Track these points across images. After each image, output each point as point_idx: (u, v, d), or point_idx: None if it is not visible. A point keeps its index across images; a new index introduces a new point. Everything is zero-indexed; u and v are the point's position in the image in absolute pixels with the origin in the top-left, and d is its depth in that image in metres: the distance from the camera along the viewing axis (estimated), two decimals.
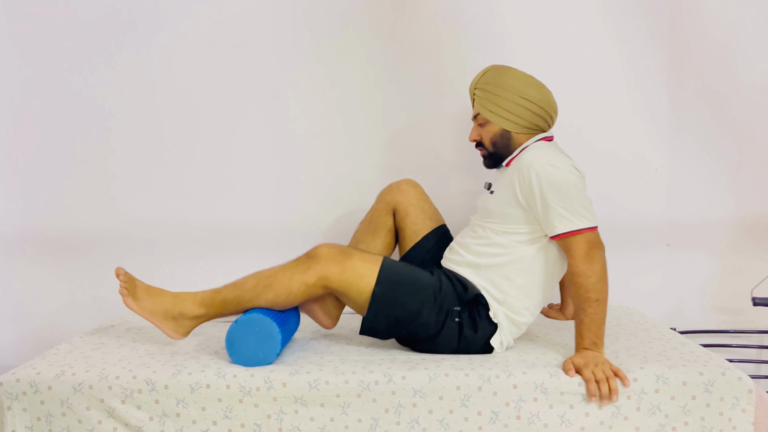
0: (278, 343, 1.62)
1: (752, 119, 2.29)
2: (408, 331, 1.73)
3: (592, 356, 1.55)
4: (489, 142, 1.83)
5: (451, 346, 1.72)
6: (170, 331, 1.73)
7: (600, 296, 1.61)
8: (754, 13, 2.25)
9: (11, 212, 2.37)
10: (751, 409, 1.53)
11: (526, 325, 1.77)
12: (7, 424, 1.55)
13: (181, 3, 2.29)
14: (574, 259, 1.63)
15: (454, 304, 1.71)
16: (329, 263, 1.67)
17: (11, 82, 2.33)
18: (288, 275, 1.68)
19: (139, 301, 1.73)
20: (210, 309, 1.73)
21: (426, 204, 1.98)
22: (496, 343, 1.72)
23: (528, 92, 1.77)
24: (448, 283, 1.74)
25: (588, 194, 1.70)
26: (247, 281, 1.71)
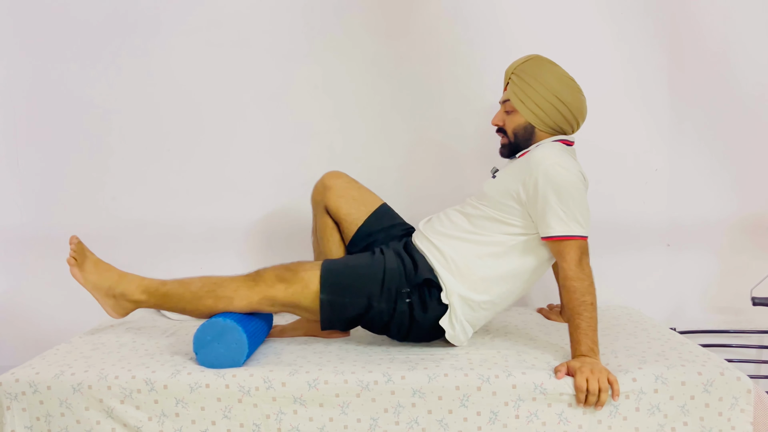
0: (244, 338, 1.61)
1: (752, 119, 2.29)
2: (364, 323, 1.75)
3: (590, 362, 1.53)
4: (511, 131, 1.82)
5: (404, 327, 1.73)
6: (108, 308, 1.77)
7: (594, 300, 1.61)
8: (754, 13, 2.25)
9: (11, 212, 2.38)
10: (749, 409, 1.53)
11: (483, 310, 1.75)
12: (6, 424, 1.55)
13: (181, 3, 2.30)
14: (567, 263, 1.63)
15: (403, 285, 1.71)
16: (274, 282, 1.69)
17: (11, 83, 2.34)
18: (233, 287, 1.70)
19: (85, 273, 1.76)
20: (151, 298, 1.75)
21: (354, 191, 1.94)
22: (446, 324, 1.72)
23: (564, 94, 1.75)
24: (397, 263, 1.74)
25: (588, 204, 1.69)
26: (193, 282, 1.73)
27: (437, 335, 1.77)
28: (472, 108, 2.32)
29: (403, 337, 1.77)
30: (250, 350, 1.64)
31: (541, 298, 2.32)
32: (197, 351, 1.62)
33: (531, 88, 1.75)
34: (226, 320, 1.62)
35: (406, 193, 2.34)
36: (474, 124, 2.33)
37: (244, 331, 1.62)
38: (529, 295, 2.38)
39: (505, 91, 1.84)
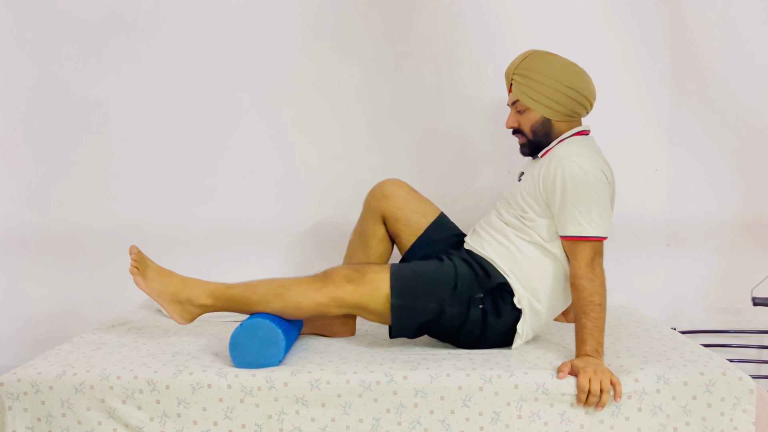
0: (281, 349, 1.62)
1: (753, 119, 2.29)
2: (435, 330, 1.74)
3: (593, 363, 1.53)
4: (529, 129, 1.80)
5: (475, 333, 1.72)
6: (175, 314, 1.74)
7: (602, 301, 1.61)
8: (754, 13, 2.25)
9: (11, 212, 2.37)
10: (752, 409, 1.53)
11: (545, 315, 1.75)
12: (7, 425, 1.54)
13: (181, 3, 2.29)
14: (578, 262, 1.63)
15: (476, 291, 1.70)
16: (343, 283, 1.67)
17: (11, 83, 2.33)
18: (301, 290, 1.68)
19: (149, 281, 1.73)
20: (217, 302, 1.73)
21: (415, 202, 1.92)
22: (520, 328, 1.71)
23: (571, 79, 1.74)
24: (467, 269, 1.73)
25: (608, 203, 1.68)
26: (260, 285, 1.71)
27: (508, 342, 1.75)
28: (473, 108, 2.32)
29: (473, 344, 1.75)
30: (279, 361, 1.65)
31: None
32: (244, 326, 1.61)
33: (537, 82, 1.74)
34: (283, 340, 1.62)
35: None
36: (474, 124, 2.33)
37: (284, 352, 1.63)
38: None
39: (510, 93, 1.83)
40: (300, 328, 1.83)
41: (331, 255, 2.28)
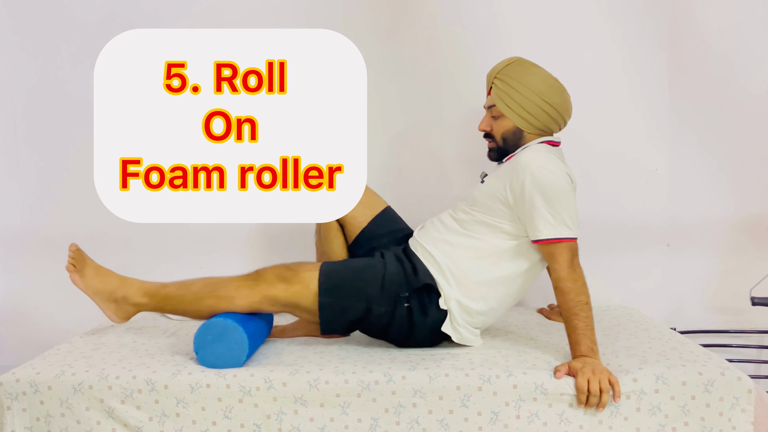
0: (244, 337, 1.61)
1: (752, 119, 2.29)
2: (364, 327, 1.76)
3: (591, 363, 1.53)
4: (500, 136, 1.81)
5: (404, 332, 1.73)
6: (110, 312, 1.77)
7: (588, 299, 1.62)
8: (754, 14, 2.25)
9: (11, 212, 2.37)
10: (750, 409, 1.53)
11: (481, 316, 1.75)
12: (6, 425, 1.55)
13: (181, 3, 2.29)
14: (559, 264, 1.64)
15: (403, 290, 1.71)
16: (275, 281, 1.69)
17: (11, 83, 2.33)
18: (234, 287, 1.70)
19: (85, 279, 1.76)
20: (152, 300, 1.75)
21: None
22: (448, 329, 1.72)
23: (550, 96, 1.75)
24: (397, 267, 1.74)
25: (576, 206, 1.69)
26: (194, 283, 1.73)
27: (438, 340, 1.77)
28: (473, 108, 2.32)
29: (403, 342, 1.76)
30: (250, 350, 1.64)
31: (541, 298, 2.31)
32: (198, 351, 1.62)
33: (517, 92, 1.75)
34: (227, 320, 1.62)
35: (407, 193, 2.33)
36: (473, 125, 2.32)
37: (245, 330, 1.62)
38: (528, 295, 2.37)
39: (488, 96, 1.83)
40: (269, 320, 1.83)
41: None
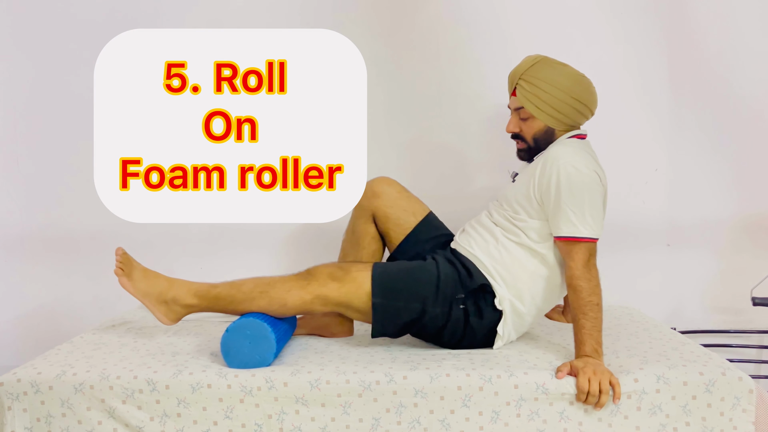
0: (273, 343, 1.61)
1: (752, 119, 2.29)
2: (417, 329, 1.74)
3: (593, 363, 1.53)
4: (531, 137, 1.80)
5: (458, 334, 1.72)
6: (161, 314, 1.75)
7: (600, 301, 1.62)
8: (754, 13, 2.25)
9: (11, 212, 2.37)
10: (751, 409, 1.53)
11: (529, 317, 1.75)
12: (7, 425, 1.54)
13: (181, 3, 2.29)
14: (575, 262, 1.63)
15: (458, 291, 1.70)
16: (327, 280, 1.68)
17: (12, 82, 2.33)
18: (286, 287, 1.69)
19: (134, 282, 1.74)
20: (203, 301, 1.74)
21: (404, 201, 1.91)
22: (501, 330, 1.72)
23: (578, 92, 1.74)
24: (450, 269, 1.73)
25: (601, 206, 1.68)
26: (244, 283, 1.72)
27: (487, 343, 1.75)
28: (473, 108, 2.32)
29: (456, 344, 1.75)
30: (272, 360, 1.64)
31: None
32: (230, 331, 1.61)
33: (545, 92, 1.73)
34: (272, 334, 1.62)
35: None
36: (474, 125, 2.33)
37: (276, 351, 1.63)
38: None
39: (513, 97, 1.81)
40: (293, 323, 1.83)
41: (331, 254, 2.26)
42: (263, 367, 1.61)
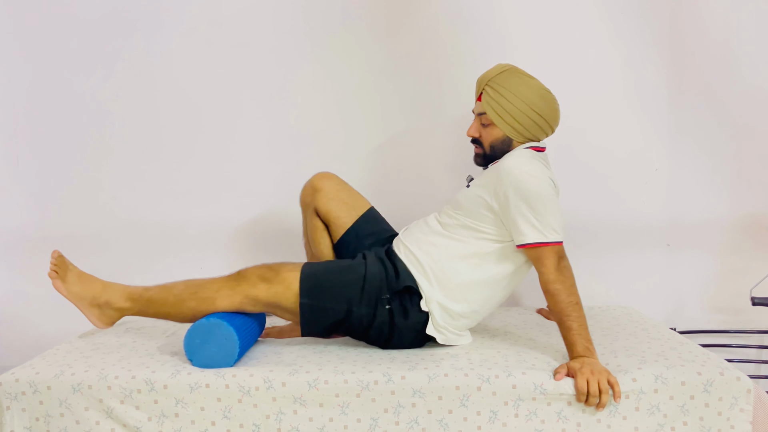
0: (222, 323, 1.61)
1: (752, 119, 2.29)
2: (345, 329, 1.75)
3: (589, 363, 1.53)
4: (488, 144, 1.81)
5: (384, 334, 1.73)
6: (94, 318, 1.77)
7: (579, 300, 1.62)
8: (754, 14, 2.25)
9: (11, 212, 2.38)
10: (749, 408, 1.53)
11: (463, 318, 1.75)
12: (5, 425, 1.55)
13: (181, 3, 2.29)
14: (546, 268, 1.64)
15: (384, 291, 1.71)
16: (256, 281, 1.68)
17: (12, 82, 2.34)
18: (215, 288, 1.69)
19: (68, 285, 1.76)
20: (135, 304, 1.75)
21: (344, 194, 1.93)
22: (432, 331, 1.72)
23: (541, 107, 1.75)
24: (378, 269, 1.73)
25: (560, 210, 1.69)
26: (176, 286, 1.73)
27: (420, 342, 1.76)
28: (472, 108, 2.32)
29: (384, 344, 1.76)
30: (242, 344, 1.64)
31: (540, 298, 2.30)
32: (191, 357, 1.62)
33: (508, 102, 1.75)
34: (210, 319, 1.62)
35: (406, 193, 2.34)
36: None
37: (231, 325, 1.62)
38: (528, 295, 2.38)
39: (478, 101, 1.82)
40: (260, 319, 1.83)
41: None
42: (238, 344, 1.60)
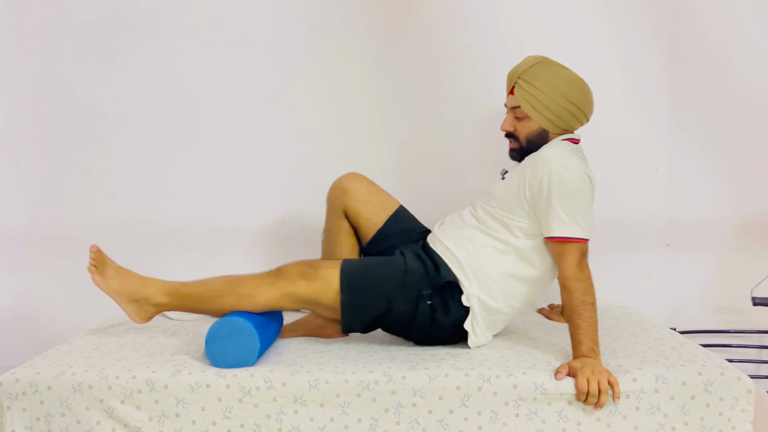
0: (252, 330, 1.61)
1: (752, 119, 2.29)
2: (386, 325, 1.76)
3: (591, 363, 1.53)
4: (524, 137, 1.80)
5: (425, 330, 1.73)
6: (132, 313, 1.76)
7: (594, 300, 1.62)
8: (753, 14, 2.25)
9: (11, 212, 2.37)
10: (750, 408, 1.53)
11: (501, 314, 1.75)
12: (6, 424, 1.55)
13: (181, 3, 2.29)
14: (567, 263, 1.64)
15: (425, 287, 1.71)
16: (296, 278, 1.68)
17: (12, 82, 2.33)
18: (254, 285, 1.69)
19: (107, 279, 1.76)
20: (173, 300, 1.75)
21: (374, 195, 1.93)
22: (468, 327, 1.72)
23: (576, 97, 1.74)
24: (418, 265, 1.73)
25: (592, 207, 1.69)
26: (214, 281, 1.73)
27: (458, 338, 1.76)
28: (473, 108, 2.32)
29: (423, 339, 1.76)
30: (258, 356, 1.64)
31: (542, 298, 2.31)
32: (208, 342, 1.61)
33: (542, 93, 1.73)
34: (246, 323, 1.62)
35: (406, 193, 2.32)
36: (474, 125, 2.33)
37: (259, 337, 1.62)
38: None
39: (511, 95, 1.81)
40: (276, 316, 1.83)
41: None
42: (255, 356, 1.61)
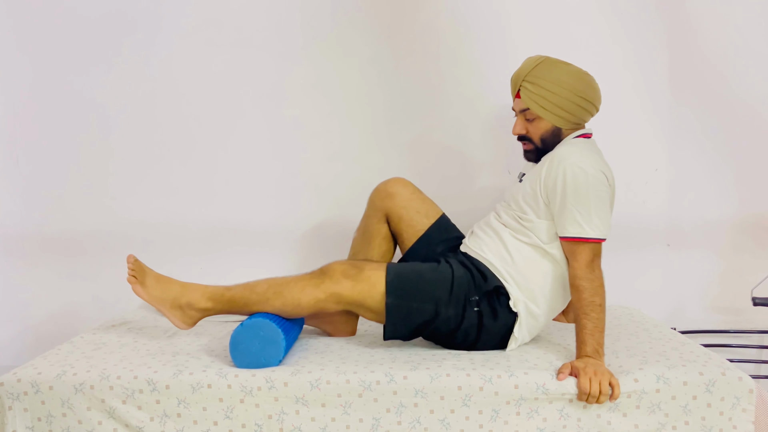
0: (281, 349, 1.61)
1: (752, 119, 2.29)
2: (430, 331, 1.74)
3: (593, 364, 1.53)
4: (538, 138, 1.79)
5: (472, 336, 1.71)
6: (177, 320, 1.74)
7: (603, 302, 1.61)
8: (753, 14, 2.25)
9: (12, 212, 2.37)
10: (751, 408, 1.53)
11: (543, 317, 1.74)
12: (8, 425, 1.55)
13: (181, 3, 2.29)
14: (578, 263, 1.64)
15: (472, 293, 1.70)
16: (340, 278, 1.67)
17: (12, 82, 2.33)
18: (299, 287, 1.68)
19: (148, 289, 1.73)
20: (217, 304, 1.73)
21: (418, 202, 1.92)
22: (517, 332, 1.71)
23: (584, 90, 1.74)
24: (464, 272, 1.72)
25: (608, 206, 1.68)
26: (258, 285, 1.71)
27: (503, 345, 1.75)
28: (473, 108, 2.32)
29: (470, 346, 1.74)
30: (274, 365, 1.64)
31: None
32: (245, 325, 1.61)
33: (550, 92, 1.73)
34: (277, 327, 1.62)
35: None
36: (474, 125, 2.33)
37: (285, 349, 1.62)
38: None
39: (517, 99, 1.80)
40: (301, 327, 1.83)
41: (331, 255, 2.26)
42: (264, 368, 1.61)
